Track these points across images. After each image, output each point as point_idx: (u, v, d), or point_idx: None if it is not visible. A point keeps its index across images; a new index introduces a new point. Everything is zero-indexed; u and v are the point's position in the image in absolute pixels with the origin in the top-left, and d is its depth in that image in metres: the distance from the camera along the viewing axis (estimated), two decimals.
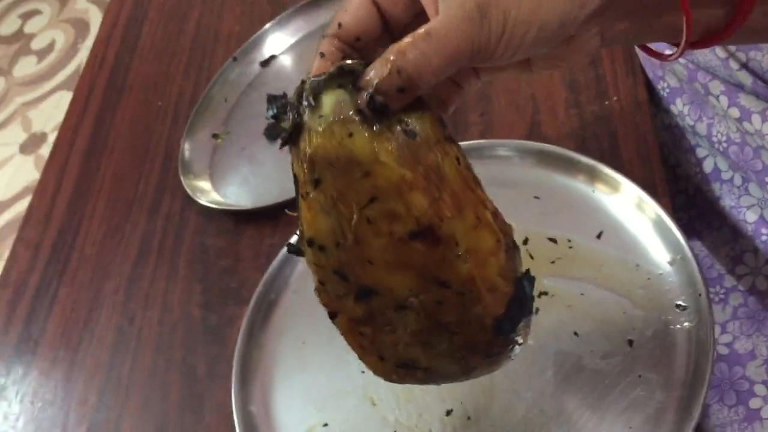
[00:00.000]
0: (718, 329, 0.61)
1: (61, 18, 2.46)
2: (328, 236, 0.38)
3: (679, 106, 0.65)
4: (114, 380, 0.70)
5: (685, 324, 0.54)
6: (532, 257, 0.61)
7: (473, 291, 0.38)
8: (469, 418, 0.56)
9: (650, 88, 0.68)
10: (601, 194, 0.63)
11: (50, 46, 2.38)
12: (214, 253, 0.75)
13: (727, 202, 0.63)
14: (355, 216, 0.37)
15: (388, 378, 0.44)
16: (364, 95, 0.36)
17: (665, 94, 0.67)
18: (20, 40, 2.45)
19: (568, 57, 0.38)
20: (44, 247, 0.82)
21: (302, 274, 0.68)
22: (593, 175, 0.63)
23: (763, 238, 0.60)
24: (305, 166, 0.38)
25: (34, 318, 0.77)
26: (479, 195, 0.39)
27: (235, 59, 0.88)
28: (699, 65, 0.61)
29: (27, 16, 2.52)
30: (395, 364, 0.42)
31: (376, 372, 0.44)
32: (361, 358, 0.43)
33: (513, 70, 0.41)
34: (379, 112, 0.36)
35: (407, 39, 0.35)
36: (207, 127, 0.84)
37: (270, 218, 0.74)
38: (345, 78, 0.37)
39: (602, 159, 0.63)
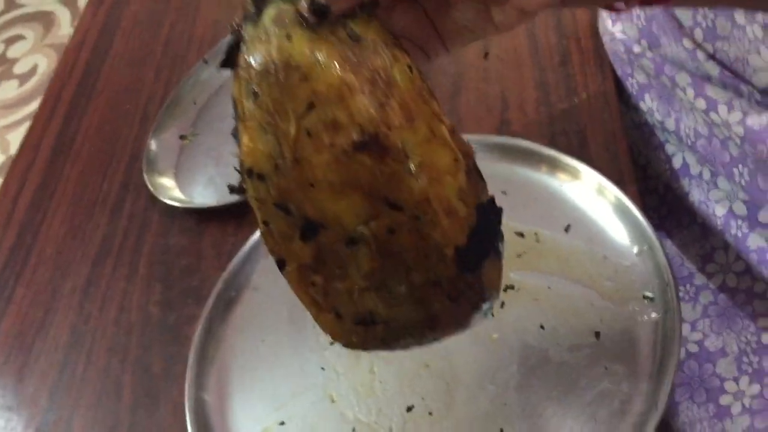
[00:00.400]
0: (688, 327, 0.60)
1: (45, 43, 2.46)
2: (267, 160, 0.35)
3: (648, 103, 0.65)
4: (66, 380, 0.67)
5: (653, 315, 0.53)
6: None
7: (428, 213, 0.35)
8: (430, 413, 0.54)
9: (619, 86, 0.68)
10: (568, 188, 0.62)
11: (32, 71, 2.37)
12: (176, 252, 0.73)
13: (696, 197, 0.62)
14: (292, 129, 0.34)
15: (348, 342, 0.40)
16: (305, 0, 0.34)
17: (634, 92, 0.66)
18: (3, 64, 2.44)
19: None
20: (2, 249, 0.80)
21: (264, 271, 0.66)
22: (555, 166, 0.62)
23: (732, 231, 0.58)
24: (242, 82, 0.35)
25: None
26: (434, 108, 0.36)
27: (205, 61, 0.87)
28: (666, 58, 0.60)
29: (10, 41, 2.51)
30: (353, 320, 0.39)
31: (335, 336, 0.40)
32: (316, 318, 0.40)
33: (474, 21, 0.38)
34: (321, 15, 0.34)
35: None
36: (174, 127, 0.82)
37: (234, 217, 0.72)
38: None
39: (571, 154, 0.62)
